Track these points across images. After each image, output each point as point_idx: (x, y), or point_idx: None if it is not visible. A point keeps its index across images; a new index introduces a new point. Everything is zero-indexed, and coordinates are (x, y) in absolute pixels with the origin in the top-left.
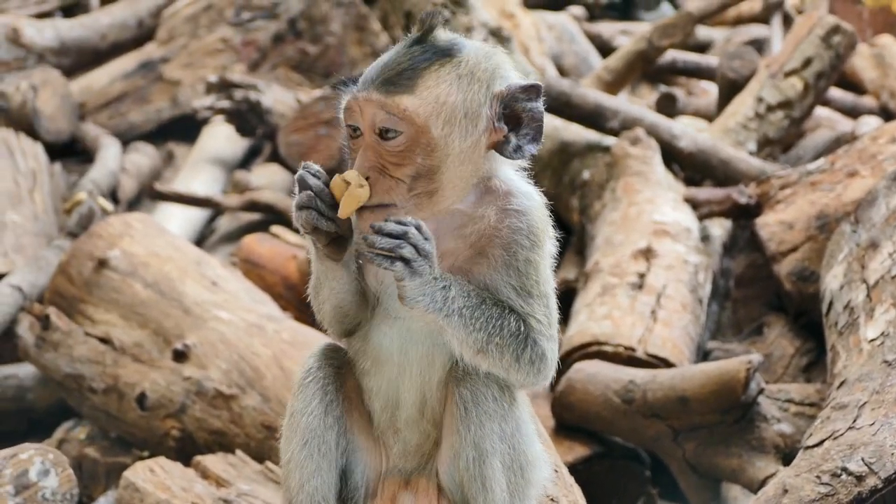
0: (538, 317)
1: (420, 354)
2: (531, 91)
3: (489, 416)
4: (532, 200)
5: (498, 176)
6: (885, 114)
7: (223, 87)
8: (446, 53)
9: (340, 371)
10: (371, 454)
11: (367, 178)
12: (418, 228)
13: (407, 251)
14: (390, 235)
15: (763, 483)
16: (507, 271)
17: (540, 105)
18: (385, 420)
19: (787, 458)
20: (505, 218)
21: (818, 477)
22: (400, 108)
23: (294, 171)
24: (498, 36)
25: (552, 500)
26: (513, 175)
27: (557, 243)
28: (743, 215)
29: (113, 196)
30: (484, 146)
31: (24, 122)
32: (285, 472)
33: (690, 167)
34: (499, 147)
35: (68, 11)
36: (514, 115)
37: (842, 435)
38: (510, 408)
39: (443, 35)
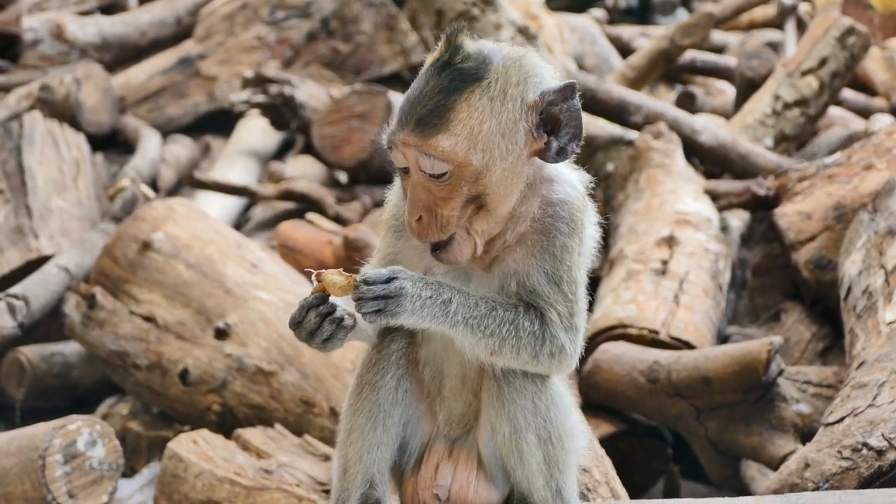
0: (560, 308)
1: None
2: (565, 91)
3: (521, 393)
4: (574, 188)
5: (543, 168)
6: (895, 114)
7: (259, 82)
8: (475, 78)
9: (412, 341)
10: (425, 422)
11: (418, 220)
12: (371, 280)
13: (370, 306)
14: (360, 298)
15: (782, 460)
16: (542, 255)
17: (576, 103)
18: (434, 389)
19: (805, 436)
20: (548, 207)
21: (839, 452)
22: (438, 149)
23: (327, 163)
24: (525, 34)
25: (584, 470)
26: (562, 177)
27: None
28: (761, 207)
29: (153, 185)
30: (526, 156)
31: (68, 114)
32: (344, 441)
33: (710, 161)
34: (542, 154)
35: (106, 10)
36: (551, 118)
37: (862, 412)
38: (543, 383)
39: (470, 47)
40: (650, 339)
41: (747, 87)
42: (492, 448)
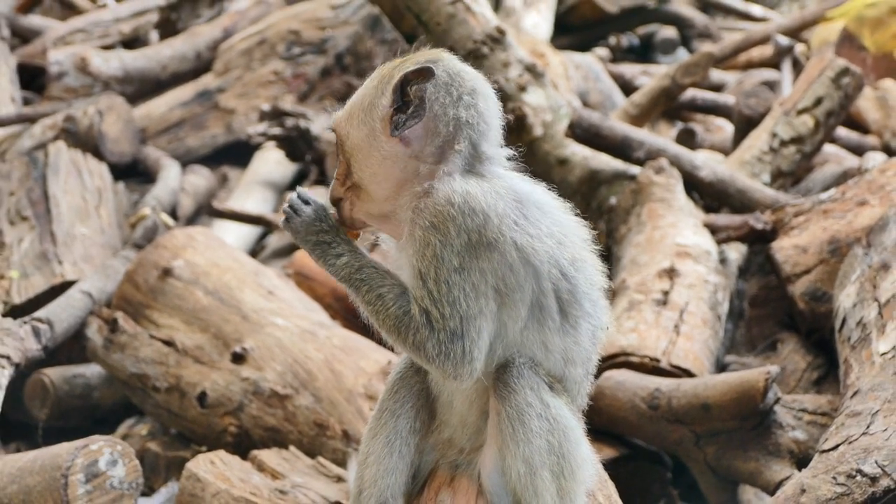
0: (425, 304)
1: None
2: (419, 74)
3: (536, 434)
4: (460, 195)
5: (438, 182)
6: (888, 152)
7: (275, 115)
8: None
9: None
10: (437, 450)
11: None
12: (301, 197)
13: (285, 213)
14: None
15: (778, 485)
16: (412, 248)
17: (428, 86)
18: (443, 413)
19: (800, 462)
20: (425, 201)
21: (834, 478)
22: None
23: None
24: (533, 72)
25: (589, 493)
26: (462, 181)
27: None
28: (759, 240)
29: (173, 213)
30: (381, 129)
31: (91, 144)
32: (362, 463)
33: (710, 195)
34: (391, 128)
35: (129, 45)
36: (407, 101)
37: (856, 440)
38: (555, 420)
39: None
40: (651, 367)
41: (745, 124)
42: (495, 478)
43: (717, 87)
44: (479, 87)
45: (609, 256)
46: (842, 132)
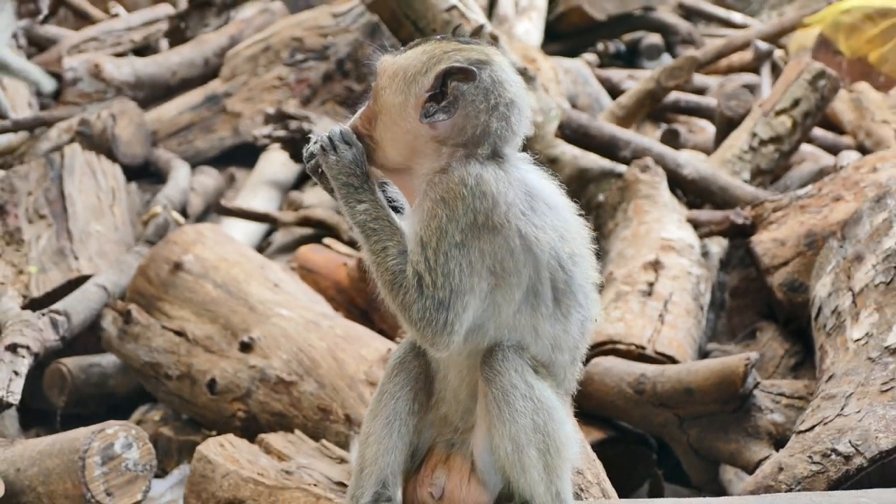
0: (419, 268)
1: None
2: (463, 73)
3: (521, 413)
4: (474, 178)
5: (456, 162)
6: (862, 151)
7: (279, 118)
8: (435, 38)
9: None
10: (434, 430)
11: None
12: (345, 137)
13: (322, 144)
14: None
15: (758, 465)
16: (419, 215)
17: (468, 87)
18: (440, 389)
19: (778, 443)
20: (440, 177)
21: (810, 457)
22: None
23: None
24: (525, 75)
25: (578, 472)
26: (479, 165)
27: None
28: (739, 234)
29: (183, 212)
30: (413, 107)
31: (105, 147)
32: (363, 443)
33: (693, 192)
34: (422, 111)
35: (140, 52)
36: (444, 92)
37: (831, 421)
38: (539, 400)
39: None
40: (637, 354)
41: (726, 125)
42: (486, 457)
43: (700, 90)
44: (517, 99)
45: (598, 250)
46: (818, 132)
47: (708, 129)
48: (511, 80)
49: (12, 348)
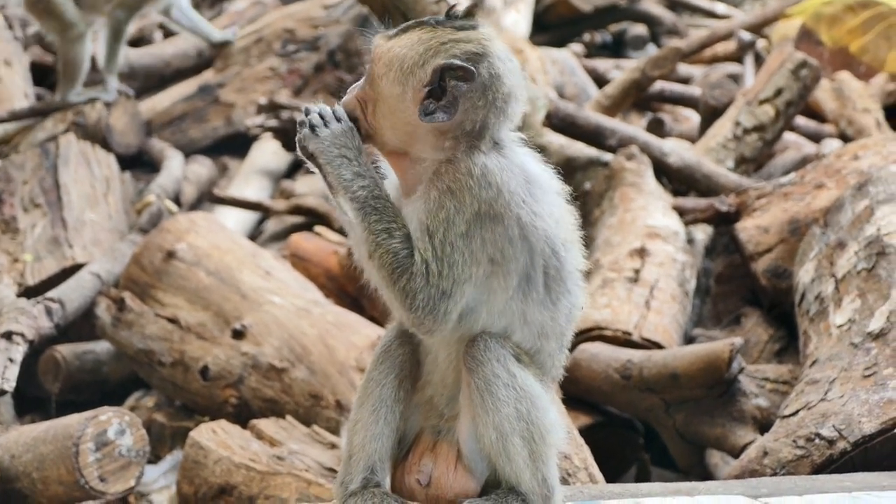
0: (426, 256)
1: None
2: (462, 72)
3: (504, 402)
4: (480, 169)
5: (461, 153)
6: (844, 139)
7: (271, 108)
8: (428, 24)
9: (417, 347)
10: (420, 417)
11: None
12: (335, 112)
13: (312, 118)
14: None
15: (743, 449)
16: (426, 204)
17: (464, 86)
18: (428, 371)
19: (763, 428)
20: (447, 166)
21: (794, 441)
22: (375, 48)
23: None
24: None
25: (566, 457)
26: (483, 155)
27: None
28: (723, 222)
29: (176, 200)
30: (410, 99)
31: (99, 136)
32: (351, 430)
33: (678, 180)
34: (421, 108)
35: (134, 43)
36: (443, 87)
37: (815, 406)
38: (522, 388)
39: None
40: (624, 340)
41: (711, 114)
42: (472, 445)
43: (685, 80)
44: (514, 90)
45: (584, 238)
46: (800, 121)
47: (692, 118)
48: (507, 69)
49: (7, 336)
